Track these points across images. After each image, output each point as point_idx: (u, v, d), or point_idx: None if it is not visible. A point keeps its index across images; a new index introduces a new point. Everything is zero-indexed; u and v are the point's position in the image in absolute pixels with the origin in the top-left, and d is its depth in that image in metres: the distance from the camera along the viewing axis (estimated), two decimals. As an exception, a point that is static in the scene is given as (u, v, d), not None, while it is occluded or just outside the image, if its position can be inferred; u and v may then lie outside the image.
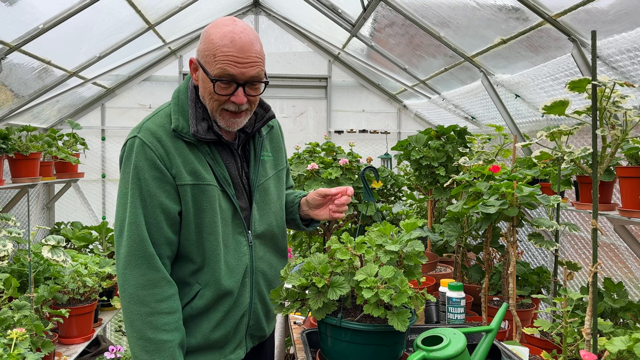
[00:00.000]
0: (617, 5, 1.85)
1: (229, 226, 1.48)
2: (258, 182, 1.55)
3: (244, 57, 1.35)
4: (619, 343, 1.30)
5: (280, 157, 1.69)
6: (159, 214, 1.39)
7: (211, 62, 1.36)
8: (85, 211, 4.42)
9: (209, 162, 1.45)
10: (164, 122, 1.44)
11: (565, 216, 2.79)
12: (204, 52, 1.39)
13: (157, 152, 1.39)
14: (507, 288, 2.11)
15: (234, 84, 1.38)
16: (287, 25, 4.63)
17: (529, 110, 2.99)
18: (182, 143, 1.43)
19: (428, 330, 1.30)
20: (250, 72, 1.37)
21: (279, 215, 1.63)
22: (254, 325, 1.57)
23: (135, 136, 1.42)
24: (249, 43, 1.36)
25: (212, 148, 1.47)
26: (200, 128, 1.42)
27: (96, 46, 3.41)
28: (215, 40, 1.35)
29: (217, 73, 1.36)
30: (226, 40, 1.34)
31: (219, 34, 1.36)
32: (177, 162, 1.40)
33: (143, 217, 1.38)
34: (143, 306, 1.36)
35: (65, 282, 2.61)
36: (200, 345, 1.48)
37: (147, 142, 1.39)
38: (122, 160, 1.44)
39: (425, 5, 2.80)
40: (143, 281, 1.36)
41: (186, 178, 1.41)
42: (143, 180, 1.38)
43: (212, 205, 1.44)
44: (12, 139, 2.95)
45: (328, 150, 2.97)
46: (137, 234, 1.37)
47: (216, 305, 1.48)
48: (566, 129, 1.63)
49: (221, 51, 1.34)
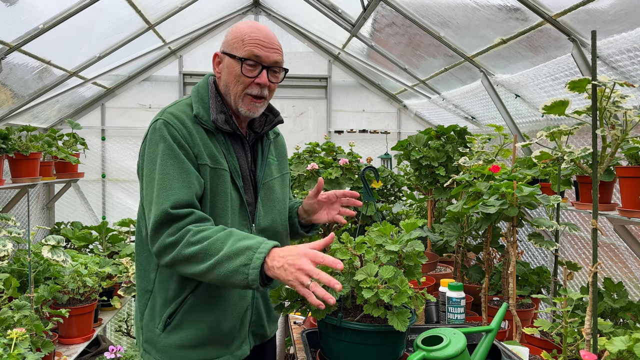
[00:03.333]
0: (617, 5, 1.85)
1: (236, 215, 1.51)
2: (264, 180, 1.61)
3: (269, 42, 1.50)
4: (619, 343, 1.30)
5: (284, 164, 1.77)
6: (194, 179, 1.41)
7: (239, 47, 1.48)
8: (85, 211, 4.42)
9: (223, 151, 1.52)
10: (185, 109, 1.51)
11: (565, 216, 2.79)
12: (231, 41, 1.50)
13: (181, 132, 1.45)
14: (507, 288, 2.11)
15: (260, 67, 1.48)
16: (287, 25, 4.63)
17: (529, 110, 2.99)
18: (202, 129, 1.50)
19: (428, 330, 1.30)
20: (275, 57, 1.50)
21: (282, 214, 1.68)
22: (256, 321, 1.59)
23: (159, 119, 1.47)
24: (272, 35, 1.53)
25: (226, 139, 1.54)
26: (219, 118, 1.51)
27: (96, 46, 3.41)
28: (244, 29, 1.50)
29: (245, 54, 1.47)
30: (254, 28, 1.51)
31: (246, 24, 1.53)
32: (199, 144, 1.47)
33: (178, 181, 1.38)
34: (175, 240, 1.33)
35: (65, 282, 2.61)
36: (208, 339, 1.48)
37: (171, 122, 1.45)
38: (148, 139, 1.46)
39: (425, 5, 2.80)
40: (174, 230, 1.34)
41: (206, 159, 1.47)
42: (174, 149, 1.42)
43: (226, 190, 1.49)
44: (12, 139, 2.95)
45: (328, 150, 2.97)
46: (167, 198, 1.35)
47: (222, 296, 1.49)
48: (566, 129, 1.63)
49: (249, 36, 1.48)
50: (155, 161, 1.42)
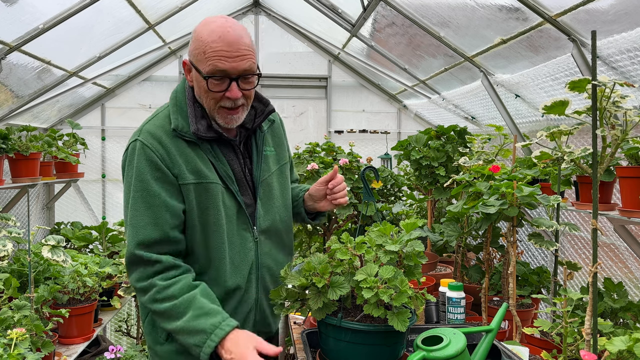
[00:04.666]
0: (617, 5, 1.85)
1: (233, 223, 1.49)
2: (261, 178, 1.57)
3: (233, 51, 1.36)
4: (619, 343, 1.30)
5: (282, 152, 1.69)
6: (164, 213, 1.40)
7: (202, 60, 1.37)
8: (85, 211, 4.42)
9: (211, 160, 1.46)
10: (163, 123, 1.46)
11: (565, 216, 2.79)
12: (194, 52, 1.40)
13: (158, 153, 1.40)
14: (507, 288, 2.11)
15: (227, 79, 1.38)
16: (287, 25, 4.63)
17: (529, 110, 2.99)
18: (183, 142, 1.44)
19: (428, 330, 1.30)
20: (242, 66, 1.38)
21: (282, 211, 1.63)
22: (260, 321, 1.58)
23: (136, 140, 1.44)
24: (237, 37, 1.37)
25: (213, 146, 1.48)
26: (201, 126, 1.44)
27: (96, 46, 3.41)
28: (204, 37, 1.36)
29: (209, 70, 1.36)
30: (214, 36, 1.35)
31: (206, 31, 1.37)
32: (179, 162, 1.42)
33: (147, 218, 1.39)
34: (144, 293, 1.40)
35: (65, 282, 2.61)
36: None
37: (148, 143, 1.41)
38: (125, 164, 1.46)
39: (425, 5, 2.80)
40: (144, 275, 1.40)
41: (188, 177, 1.42)
42: (146, 181, 1.40)
43: (216, 203, 1.45)
44: (12, 139, 2.95)
45: (328, 150, 2.97)
46: (135, 236, 1.39)
47: (223, 302, 1.48)
48: (566, 129, 1.63)
49: (210, 47, 1.35)
50: (129, 191, 1.42)
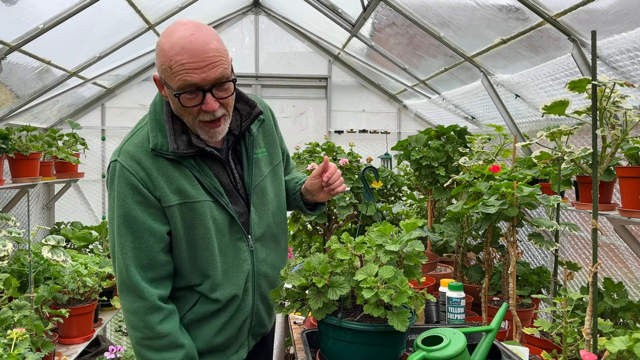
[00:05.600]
0: (617, 5, 1.85)
1: (225, 236, 1.45)
2: (254, 184, 1.51)
3: (200, 61, 1.25)
4: (619, 343, 1.30)
5: (275, 151, 1.62)
6: (148, 238, 1.36)
7: (170, 77, 1.27)
8: (85, 211, 4.42)
9: (196, 175, 1.40)
10: (142, 142, 1.38)
11: (565, 216, 2.79)
12: (161, 67, 1.30)
13: (138, 176, 1.34)
14: (507, 288, 2.11)
15: (200, 92, 1.28)
16: (287, 25, 4.63)
17: (529, 110, 2.99)
18: (165, 161, 1.37)
19: (428, 330, 1.30)
20: (213, 75, 1.27)
21: (277, 213, 1.60)
22: (256, 325, 1.58)
23: (116, 160, 1.37)
24: (202, 44, 1.25)
25: (197, 160, 1.40)
26: (181, 143, 1.35)
27: (96, 46, 3.41)
28: (167, 51, 1.26)
29: (178, 85, 1.27)
30: (177, 48, 1.24)
31: (168, 43, 1.26)
32: (161, 184, 1.35)
33: (131, 243, 1.36)
34: (137, 331, 1.38)
35: (65, 282, 2.61)
36: (202, 350, 1.48)
37: (127, 166, 1.35)
38: (108, 184, 1.41)
39: (425, 5, 2.80)
40: (134, 308, 1.37)
41: (172, 199, 1.36)
42: (127, 206, 1.35)
43: (204, 221, 1.40)
44: (12, 139, 2.95)
45: (328, 150, 2.97)
46: (124, 263, 1.36)
47: (219, 312, 1.47)
48: (566, 129, 1.63)
49: (175, 61, 1.25)
50: (113, 215, 1.38)
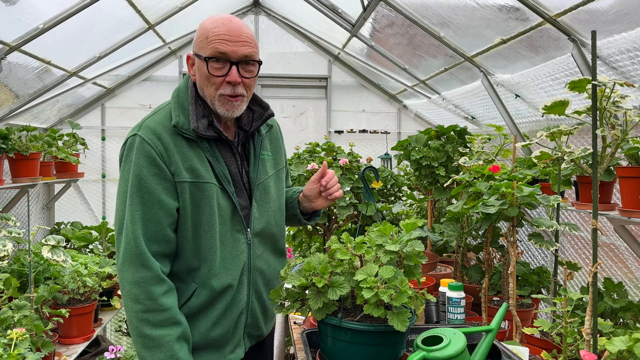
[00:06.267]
0: (617, 5, 1.85)
1: (227, 224, 1.49)
2: (258, 180, 1.56)
3: (235, 36, 1.41)
4: (619, 343, 1.30)
5: (279, 157, 1.70)
6: (158, 211, 1.40)
7: (204, 46, 1.41)
8: (85, 211, 4.42)
9: (208, 159, 1.46)
10: (164, 120, 1.45)
11: (565, 216, 2.79)
12: (197, 40, 1.44)
13: (157, 149, 1.40)
14: (507, 288, 2.11)
15: (228, 63, 1.41)
16: (287, 25, 4.63)
17: (529, 110, 2.99)
18: (182, 140, 1.44)
19: (428, 330, 1.30)
20: (242, 51, 1.41)
21: (277, 214, 1.64)
22: (251, 324, 1.58)
23: (135, 134, 1.43)
24: (239, 25, 1.43)
25: (212, 145, 1.48)
26: (201, 124, 1.44)
27: (96, 46, 3.41)
28: (207, 26, 1.43)
29: (209, 52, 1.40)
30: (217, 23, 1.42)
31: (210, 20, 1.44)
32: (176, 159, 1.42)
33: (141, 214, 1.39)
34: (137, 304, 1.37)
35: (65, 282, 2.61)
36: (199, 345, 1.48)
37: (147, 139, 1.40)
38: (122, 158, 1.45)
39: (425, 5, 2.80)
40: (136, 279, 1.37)
41: (184, 175, 1.42)
42: (142, 177, 1.39)
43: (210, 203, 1.44)
44: (12, 139, 2.95)
45: (328, 150, 2.97)
46: (132, 232, 1.38)
47: (213, 303, 1.48)
48: (566, 129, 1.63)
49: (213, 32, 1.41)
50: (126, 186, 1.41)
